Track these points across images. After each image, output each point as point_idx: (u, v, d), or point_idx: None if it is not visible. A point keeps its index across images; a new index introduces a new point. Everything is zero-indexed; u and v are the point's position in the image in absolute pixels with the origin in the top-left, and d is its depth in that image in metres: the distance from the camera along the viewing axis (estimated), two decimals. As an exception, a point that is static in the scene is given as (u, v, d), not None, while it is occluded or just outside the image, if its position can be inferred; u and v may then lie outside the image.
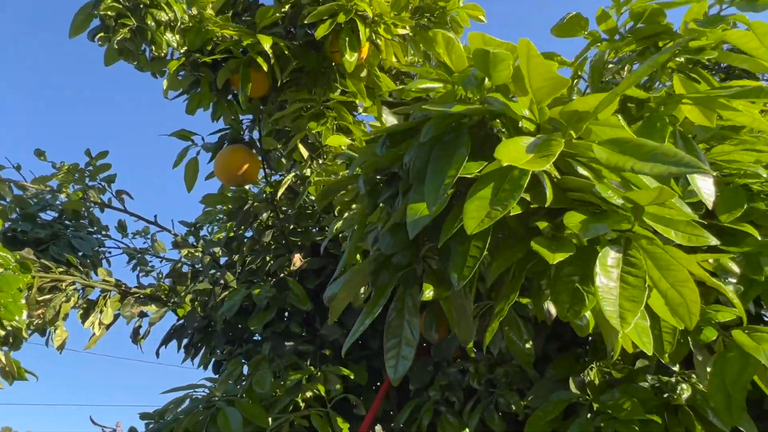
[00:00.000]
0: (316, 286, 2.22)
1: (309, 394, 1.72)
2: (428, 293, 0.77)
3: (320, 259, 2.26)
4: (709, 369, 1.22)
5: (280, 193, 1.98)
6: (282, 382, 1.76)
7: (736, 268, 1.14)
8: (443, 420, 1.75)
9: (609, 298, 0.62)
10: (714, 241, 0.70)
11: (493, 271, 0.76)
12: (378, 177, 0.88)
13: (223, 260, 2.61)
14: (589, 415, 1.34)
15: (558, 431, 1.38)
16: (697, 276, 0.73)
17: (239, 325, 2.32)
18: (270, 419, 1.60)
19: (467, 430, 1.73)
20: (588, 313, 1.13)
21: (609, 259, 0.65)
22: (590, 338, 1.70)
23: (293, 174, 2.11)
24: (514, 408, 1.60)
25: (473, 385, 1.72)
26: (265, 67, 1.85)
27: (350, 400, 1.77)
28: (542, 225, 0.69)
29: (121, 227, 2.92)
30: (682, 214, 0.69)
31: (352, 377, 1.82)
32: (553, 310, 1.24)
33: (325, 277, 2.24)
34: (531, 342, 1.42)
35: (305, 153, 1.99)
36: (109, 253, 2.82)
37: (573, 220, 0.66)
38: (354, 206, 1.47)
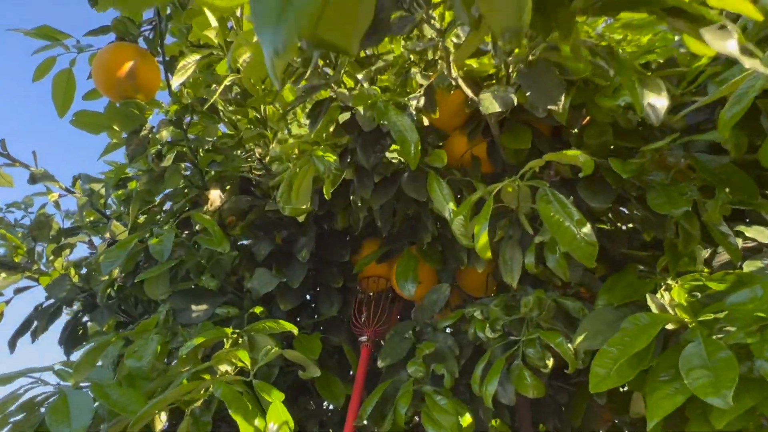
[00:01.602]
0: (243, 230, 1.57)
1: (225, 368, 1.06)
2: None
3: (249, 199, 1.62)
4: None
5: (177, 82, 1.33)
6: (184, 355, 1.09)
7: None
8: (430, 405, 1.13)
9: None
10: None
11: None
12: None
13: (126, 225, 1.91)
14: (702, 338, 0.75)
15: (654, 371, 0.79)
16: None
17: (136, 298, 1.64)
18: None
19: (467, 415, 1.12)
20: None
21: None
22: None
23: (231, 77, 1.44)
24: (548, 363, 1.00)
25: (483, 336, 1.11)
26: None
27: (289, 357, 1.11)
28: None
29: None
30: None
31: (295, 332, 1.17)
32: (659, 103, 0.66)
33: (257, 219, 1.60)
34: (588, 226, 0.83)
35: (214, 22, 1.36)
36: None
37: None
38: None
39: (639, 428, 1.59)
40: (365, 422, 1.22)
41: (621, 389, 1.62)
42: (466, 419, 1.11)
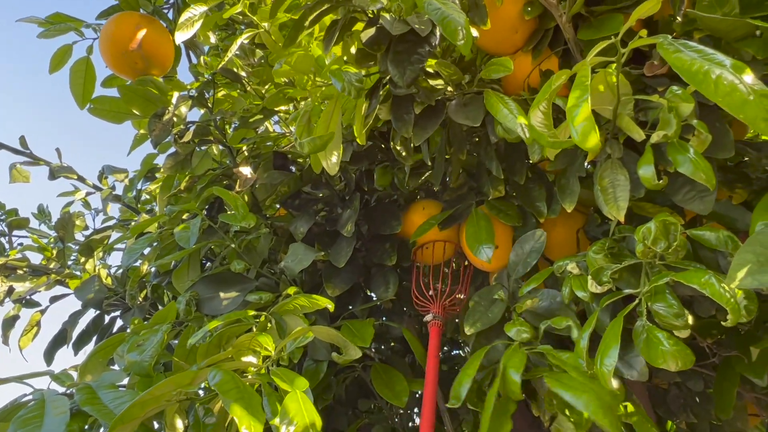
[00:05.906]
0: (282, 212, 1.36)
1: (249, 359, 0.83)
2: None
3: (281, 174, 1.41)
4: None
5: (182, 38, 1.16)
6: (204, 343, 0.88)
7: None
8: (557, 366, 0.81)
9: None
10: None
11: None
12: None
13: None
14: None
15: None
16: None
17: (174, 298, 1.47)
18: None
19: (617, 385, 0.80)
20: None
21: None
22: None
23: (248, 32, 1.29)
24: (688, 318, 0.68)
25: (583, 295, 0.80)
26: None
27: (320, 337, 0.83)
28: None
29: (41, 214, 2.16)
30: None
31: (330, 308, 0.92)
32: None
33: (291, 195, 1.38)
34: (751, 73, 0.52)
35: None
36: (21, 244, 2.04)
37: None
38: None
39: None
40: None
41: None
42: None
